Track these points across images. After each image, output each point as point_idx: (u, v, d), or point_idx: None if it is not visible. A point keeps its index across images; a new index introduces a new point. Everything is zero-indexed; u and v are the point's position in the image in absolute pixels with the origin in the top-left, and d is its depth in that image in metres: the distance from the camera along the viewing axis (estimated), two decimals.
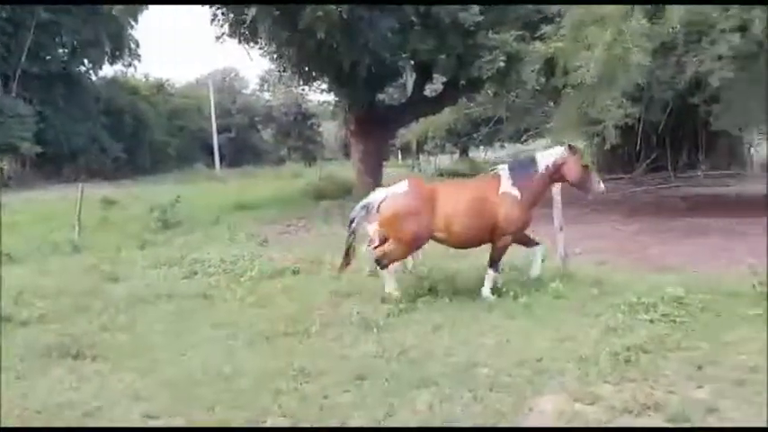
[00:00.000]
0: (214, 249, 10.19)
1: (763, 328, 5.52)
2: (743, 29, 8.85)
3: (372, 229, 7.47)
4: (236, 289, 7.76)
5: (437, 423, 4.14)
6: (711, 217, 12.84)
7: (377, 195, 7.11)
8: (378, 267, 7.16)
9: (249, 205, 17.04)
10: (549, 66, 12.57)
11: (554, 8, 12.39)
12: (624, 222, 13.09)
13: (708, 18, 9.15)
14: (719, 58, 9.09)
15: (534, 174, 7.06)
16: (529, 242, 7.33)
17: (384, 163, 25.43)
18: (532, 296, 6.79)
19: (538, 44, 12.68)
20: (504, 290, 7.04)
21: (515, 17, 14.05)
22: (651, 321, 5.87)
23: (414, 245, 7.14)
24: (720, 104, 11.57)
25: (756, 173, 23.62)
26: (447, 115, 25.69)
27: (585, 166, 7.11)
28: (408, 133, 28.97)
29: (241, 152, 50.79)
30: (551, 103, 18.37)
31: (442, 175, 29.08)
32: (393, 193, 7.01)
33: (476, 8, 13.41)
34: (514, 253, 7.56)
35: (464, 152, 38.17)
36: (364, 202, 7.15)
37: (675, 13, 8.81)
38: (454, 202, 6.95)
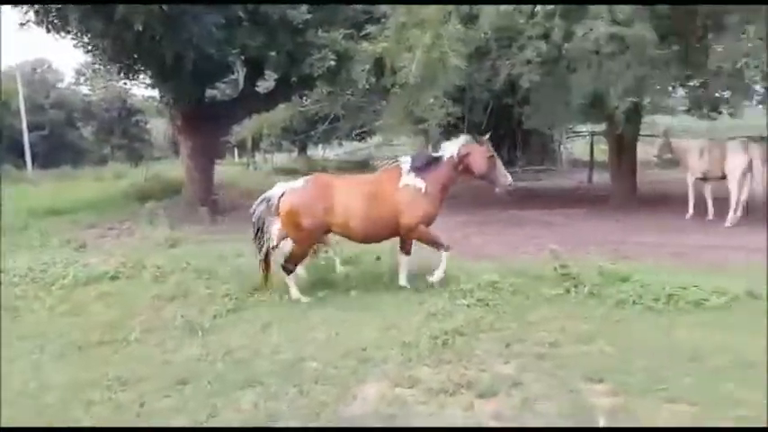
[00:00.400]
0: (22, 257, 9.25)
1: (563, 306, 6.13)
2: (546, 36, 9.73)
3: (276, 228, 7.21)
4: (45, 298, 7.13)
5: (261, 420, 4.11)
6: (527, 209, 13.96)
7: (276, 190, 6.94)
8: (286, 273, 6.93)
9: (65, 209, 15.66)
10: (379, 65, 12.93)
11: (381, 9, 12.73)
12: (451, 214, 13.82)
13: (516, 25, 9.95)
14: (528, 62, 9.91)
15: (437, 164, 6.94)
16: (437, 245, 7.03)
17: (219, 161, 24.70)
18: (364, 288, 6.96)
19: (366, 44, 12.91)
20: (337, 283, 7.15)
21: (344, 17, 14.27)
22: (468, 306, 6.26)
23: (311, 240, 7.02)
24: (531, 106, 12.60)
25: (565, 169, 26.12)
26: (282, 112, 25.49)
27: (491, 157, 6.96)
28: (243, 130, 28.27)
29: (57, 151, 46.39)
30: (383, 102, 18.90)
31: (278, 173, 28.88)
32: (291, 189, 6.86)
33: (304, 7, 13.43)
34: (350, 245, 7.64)
35: (302, 150, 38.08)
36: (264, 196, 6.97)
37: (486, 19, 9.47)
38: (353, 196, 6.82)
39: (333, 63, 13.71)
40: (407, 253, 7.08)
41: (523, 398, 4.28)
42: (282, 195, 6.82)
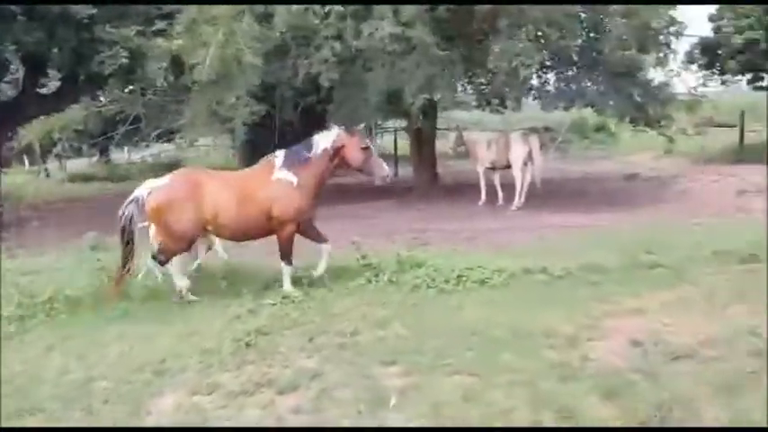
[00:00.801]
0: None
1: (363, 296, 6.37)
2: (339, 36, 10.02)
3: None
4: None
5: None
6: (336, 204, 14.22)
7: (142, 189, 6.57)
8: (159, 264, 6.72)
9: None
10: (177, 63, 12.40)
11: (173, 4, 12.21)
12: None
13: (311, 24, 10.11)
14: (325, 61, 10.12)
15: (311, 157, 6.68)
16: (317, 237, 6.96)
17: (4, 170, 22.05)
18: (161, 298, 6.68)
19: (161, 40, 12.31)
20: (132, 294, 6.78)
21: (135, 13, 13.51)
22: (274, 304, 6.27)
23: (184, 239, 6.62)
24: (333, 104, 12.86)
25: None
26: (75, 113, 23.47)
27: (366, 149, 6.76)
28: (29, 134, 25.54)
29: None
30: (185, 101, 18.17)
31: (73, 180, 26.63)
32: (157, 186, 6.54)
33: None
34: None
35: (103, 154, 35.25)
36: (132, 196, 6.59)
37: (281, 18, 9.52)
38: (222, 191, 6.52)
39: (125, 61, 12.91)
40: (288, 261, 6.77)
41: (322, 389, 4.39)
42: (149, 194, 6.50)
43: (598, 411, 3.72)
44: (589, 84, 11.39)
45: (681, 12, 11.73)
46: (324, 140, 6.76)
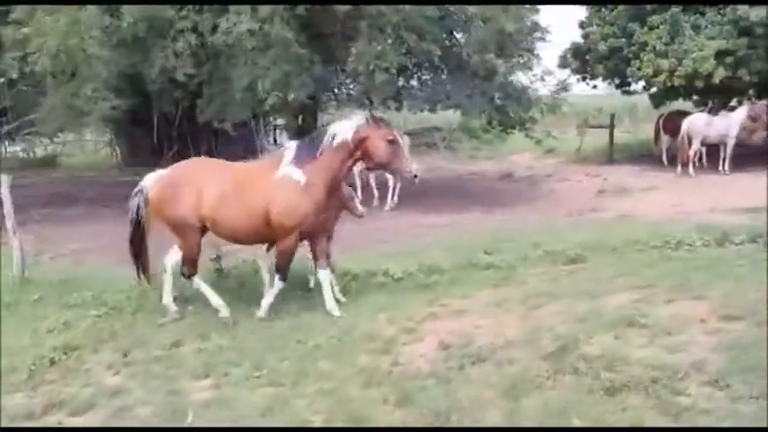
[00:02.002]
0: None
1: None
2: (195, 29, 9.66)
3: None
4: None
5: None
6: None
7: (147, 179, 5.96)
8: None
9: None
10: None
11: None
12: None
13: (165, 16, 9.69)
14: (178, 55, 9.70)
15: (324, 151, 5.53)
16: (320, 256, 5.91)
17: None
18: None
19: (9, 30, 11.40)
20: None
21: None
22: (99, 316, 5.91)
23: (187, 231, 5.81)
24: (203, 99, 12.43)
25: None
26: None
27: (393, 142, 5.64)
28: None
29: None
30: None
31: None
32: (159, 175, 5.93)
33: None
34: None
35: None
36: (137, 187, 5.99)
37: (129, 9, 9.05)
38: (224, 184, 5.65)
39: None
40: (282, 276, 5.77)
41: (120, 407, 4.14)
42: (152, 184, 5.91)
43: (389, 417, 3.70)
44: (451, 87, 11.60)
45: (557, 16, 12.21)
46: (342, 130, 5.57)
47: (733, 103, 18.48)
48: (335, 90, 13.37)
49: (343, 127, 5.57)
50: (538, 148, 23.62)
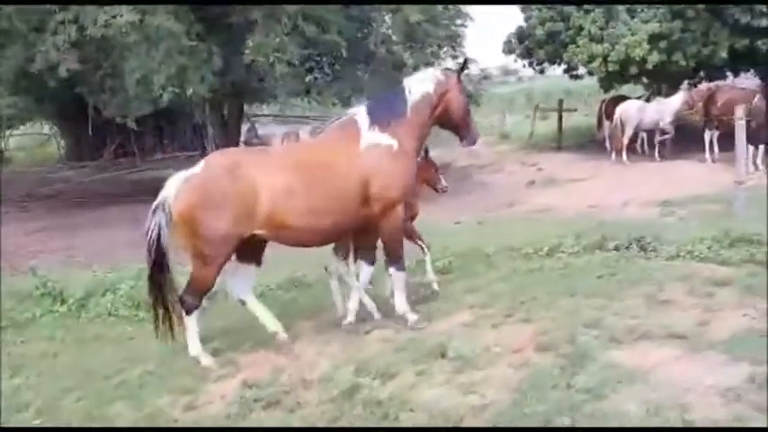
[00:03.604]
0: None
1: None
2: (77, 21, 9.11)
3: None
4: None
5: None
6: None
7: (168, 189, 4.52)
8: (183, 311, 4.62)
9: None
10: None
11: None
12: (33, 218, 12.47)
13: (44, 9, 9.14)
14: (59, 48, 9.12)
15: (408, 110, 4.73)
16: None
17: None
18: None
19: None
20: None
21: None
22: None
23: (223, 253, 4.51)
24: (107, 93, 11.85)
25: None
26: None
27: (468, 97, 5.08)
28: None
29: None
30: None
31: None
32: (185, 178, 4.47)
33: None
34: None
35: None
36: (158, 200, 4.53)
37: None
38: (286, 175, 4.49)
39: None
40: (400, 265, 4.86)
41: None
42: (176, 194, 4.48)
43: None
44: (362, 79, 11.15)
45: None
46: (420, 84, 4.81)
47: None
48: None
49: (420, 80, 4.84)
50: (493, 133, 23.50)
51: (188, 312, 4.59)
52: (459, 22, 12.22)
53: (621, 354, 3.74)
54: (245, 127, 15.63)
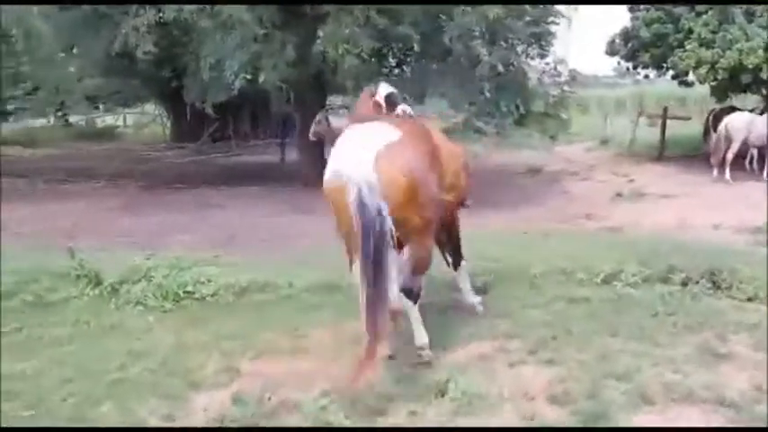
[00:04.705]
0: None
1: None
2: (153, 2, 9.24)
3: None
4: None
5: None
6: (215, 188, 13.44)
7: (366, 161, 3.71)
8: (406, 302, 4.10)
9: None
10: None
11: None
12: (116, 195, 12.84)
13: None
14: (137, 29, 9.23)
15: None
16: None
17: None
18: None
19: None
20: None
21: None
22: None
23: (437, 219, 4.23)
24: (188, 78, 12.03)
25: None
26: None
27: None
28: None
29: None
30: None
31: None
32: (387, 145, 3.78)
33: None
34: None
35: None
36: (356, 179, 3.66)
37: None
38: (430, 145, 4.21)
39: None
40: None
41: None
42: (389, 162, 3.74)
43: None
44: (436, 75, 10.66)
45: None
46: None
47: None
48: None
49: None
50: (596, 137, 22.27)
51: (415, 301, 4.15)
52: (550, 19, 11.43)
53: (649, 418, 3.15)
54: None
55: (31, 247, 8.25)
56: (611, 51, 18.60)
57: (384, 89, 5.26)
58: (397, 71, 12.09)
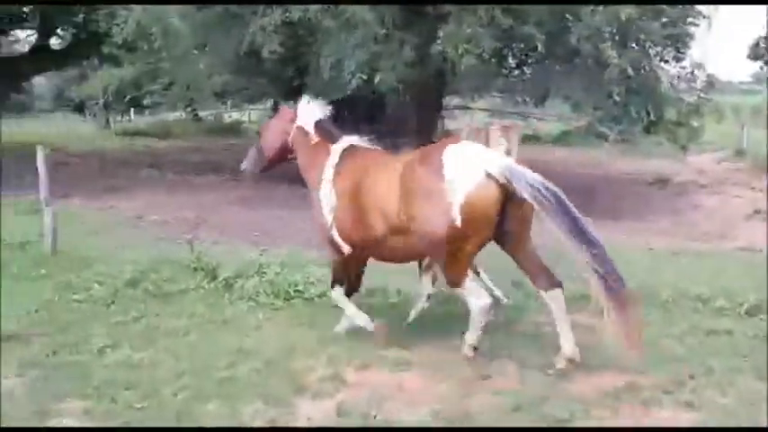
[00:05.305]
0: None
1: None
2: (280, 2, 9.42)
3: None
4: None
5: None
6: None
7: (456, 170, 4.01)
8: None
9: None
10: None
11: None
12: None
13: None
14: (264, 29, 9.44)
15: None
16: None
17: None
18: None
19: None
20: None
21: None
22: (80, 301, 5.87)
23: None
24: (310, 75, 12.21)
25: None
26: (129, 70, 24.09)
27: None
28: (86, 87, 26.55)
29: None
30: None
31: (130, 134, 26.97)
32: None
33: None
34: None
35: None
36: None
37: None
38: None
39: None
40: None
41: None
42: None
43: None
44: (560, 77, 10.10)
45: None
46: None
47: None
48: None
49: None
50: (730, 148, 20.58)
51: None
52: (689, 20, 10.56)
53: None
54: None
55: (157, 237, 8.72)
56: (754, 56, 17.11)
57: (309, 113, 4.96)
58: (516, 72, 11.64)
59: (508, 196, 3.96)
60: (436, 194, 3.98)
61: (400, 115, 23.67)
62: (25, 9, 15.28)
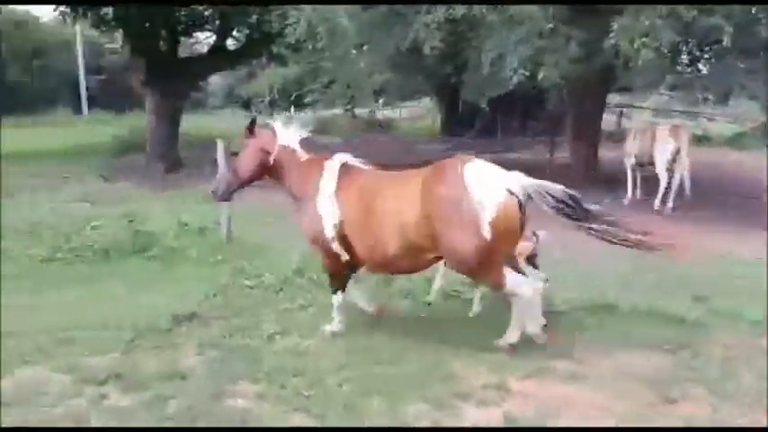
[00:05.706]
0: None
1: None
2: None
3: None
4: None
5: None
6: None
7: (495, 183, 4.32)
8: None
9: (33, 154, 16.34)
10: None
11: None
12: None
13: None
14: (427, 25, 9.40)
15: None
16: None
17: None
18: None
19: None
20: None
21: None
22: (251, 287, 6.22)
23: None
24: (467, 74, 12.12)
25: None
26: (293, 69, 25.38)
27: None
28: (254, 85, 28.44)
29: (115, 96, 46.98)
30: None
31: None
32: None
33: None
34: None
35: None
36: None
37: None
38: None
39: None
40: None
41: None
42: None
43: None
44: (745, 73, 9.03)
45: None
46: None
47: None
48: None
49: None
50: None
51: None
52: None
53: None
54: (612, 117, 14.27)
55: None
56: None
57: (290, 132, 5.07)
58: (690, 69, 10.64)
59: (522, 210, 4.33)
60: (466, 214, 4.22)
61: (559, 113, 22.88)
62: (206, 12, 16.52)
